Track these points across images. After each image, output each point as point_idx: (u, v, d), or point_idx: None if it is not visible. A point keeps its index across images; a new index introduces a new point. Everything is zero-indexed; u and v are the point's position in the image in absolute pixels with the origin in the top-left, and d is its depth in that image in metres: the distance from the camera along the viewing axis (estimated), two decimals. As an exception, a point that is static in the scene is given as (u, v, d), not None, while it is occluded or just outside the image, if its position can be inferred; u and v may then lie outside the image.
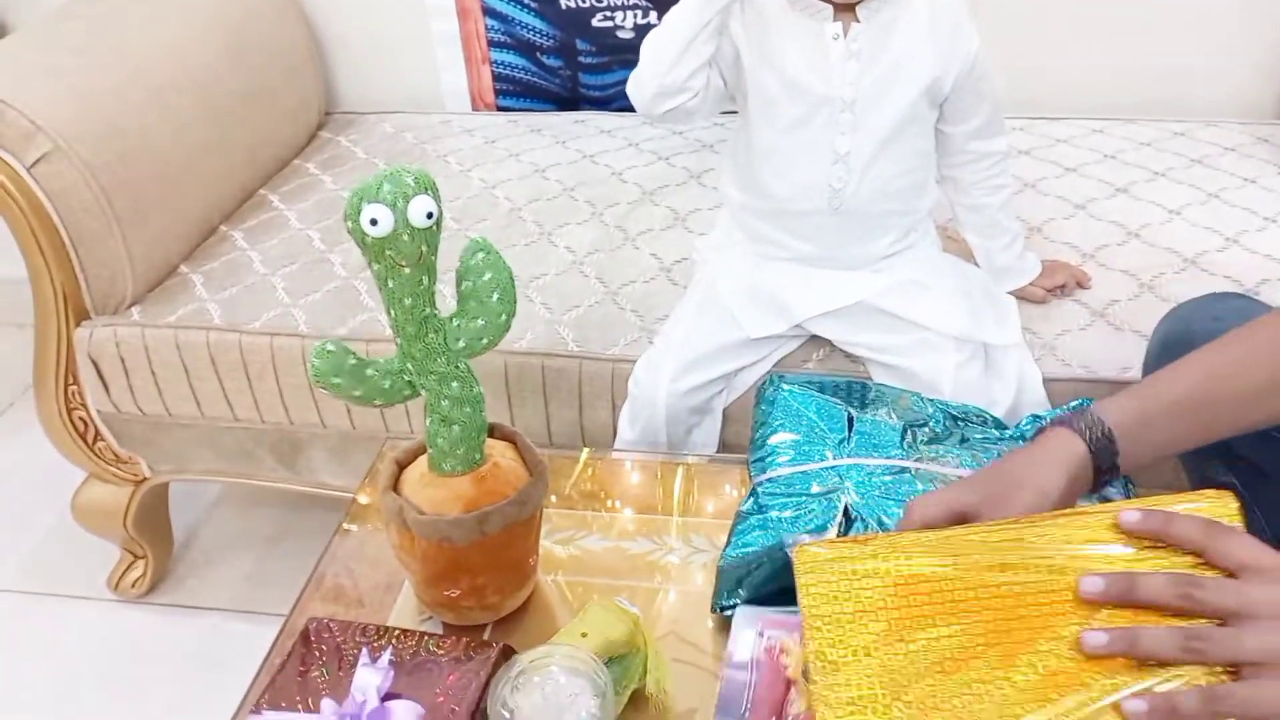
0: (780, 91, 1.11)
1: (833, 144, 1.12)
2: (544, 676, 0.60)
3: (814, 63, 1.09)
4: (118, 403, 1.40)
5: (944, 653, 0.60)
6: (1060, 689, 0.58)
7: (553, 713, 0.58)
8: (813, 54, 1.09)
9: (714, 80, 1.12)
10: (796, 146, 1.13)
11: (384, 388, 0.75)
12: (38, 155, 1.27)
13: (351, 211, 0.69)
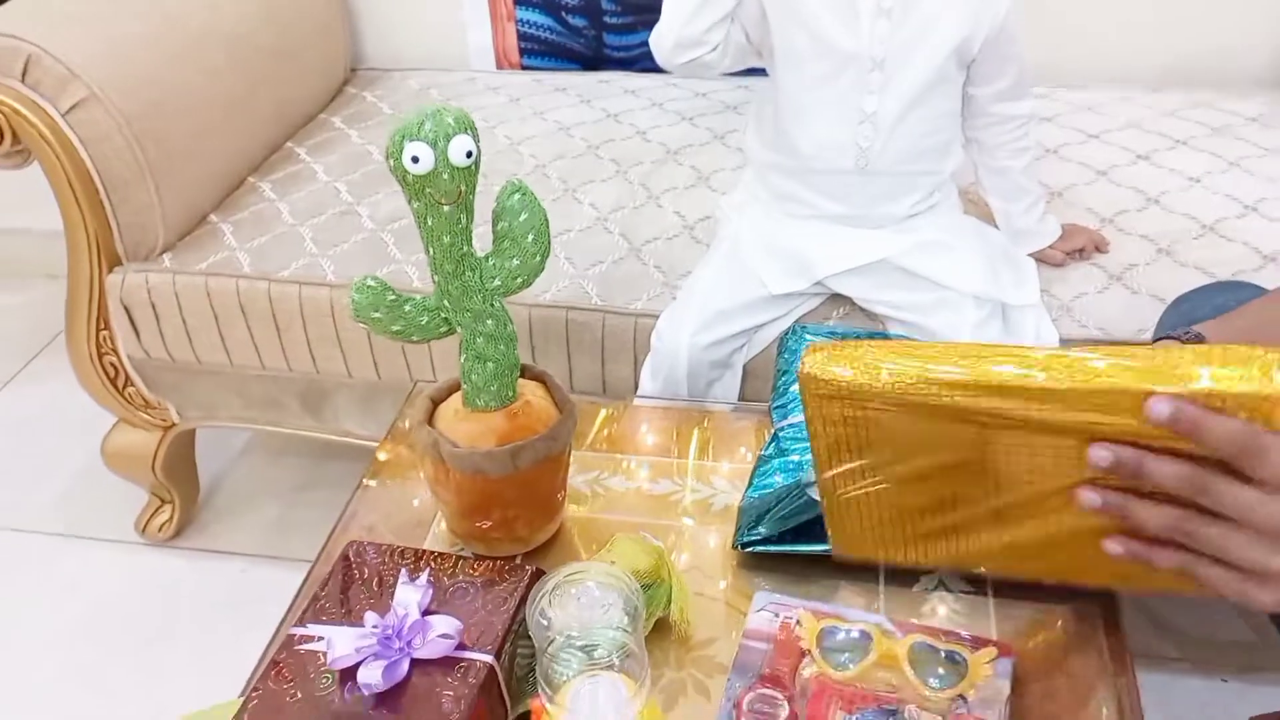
0: (808, 47, 1.13)
1: (860, 103, 1.14)
2: (580, 590, 0.63)
3: (844, 19, 1.10)
4: (148, 348, 1.43)
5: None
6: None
7: (587, 622, 0.61)
8: (843, 10, 1.10)
9: (734, 35, 1.14)
10: (823, 104, 1.15)
11: (421, 323, 0.77)
12: (73, 102, 1.29)
13: (394, 149, 0.71)
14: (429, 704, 0.64)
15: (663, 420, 1.05)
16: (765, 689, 0.71)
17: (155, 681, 1.40)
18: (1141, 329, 1.17)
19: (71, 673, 1.42)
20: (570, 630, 0.60)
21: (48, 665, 1.43)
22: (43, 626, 1.49)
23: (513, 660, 0.69)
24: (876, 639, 0.72)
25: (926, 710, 0.69)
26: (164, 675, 1.41)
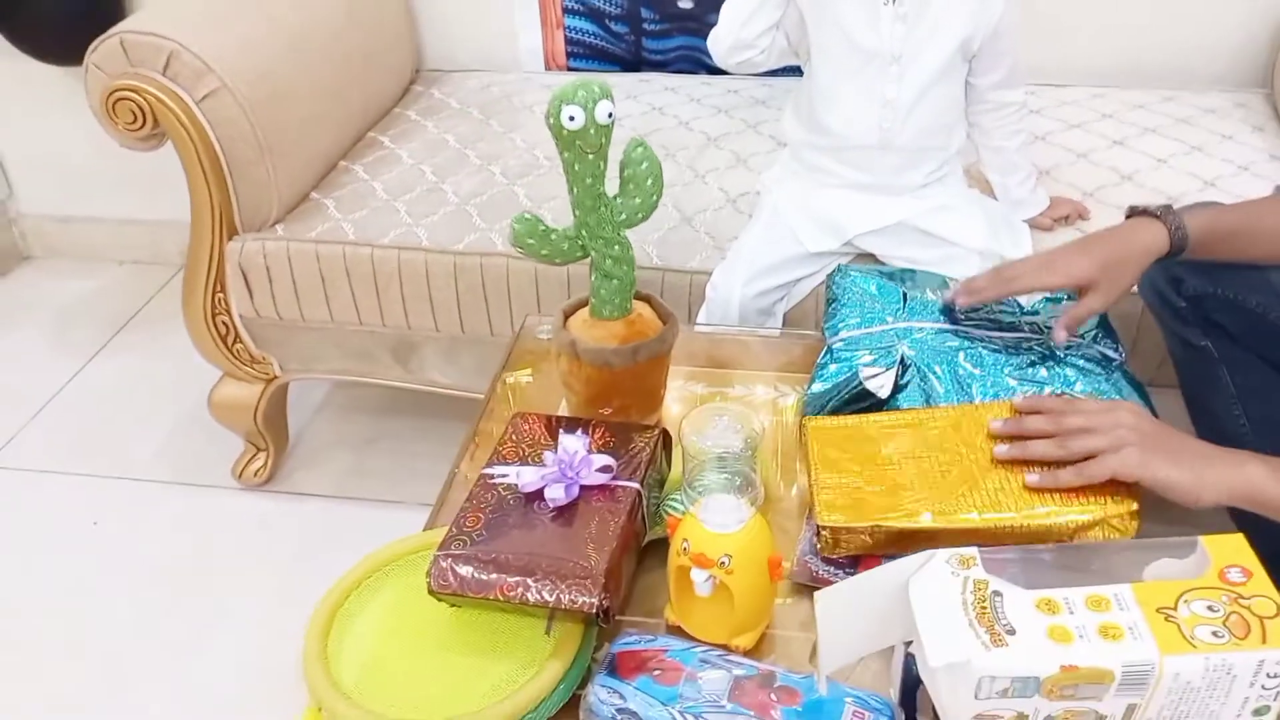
0: (839, 47, 1.36)
1: (882, 91, 1.37)
2: (718, 419, 0.85)
3: (869, 23, 1.34)
4: (259, 308, 1.64)
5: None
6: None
7: (720, 443, 0.83)
8: (868, 15, 1.33)
9: (779, 40, 1.38)
10: (851, 92, 1.38)
11: (563, 249, 0.99)
12: (206, 91, 1.50)
13: (554, 110, 0.93)
14: (594, 518, 0.85)
15: (727, 343, 1.28)
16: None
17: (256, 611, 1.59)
18: (1118, 280, 1.40)
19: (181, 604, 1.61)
20: (707, 445, 0.82)
21: (158, 596, 1.63)
22: (152, 564, 1.68)
23: (646, 499, 0.91)
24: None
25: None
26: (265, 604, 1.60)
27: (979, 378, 1.05)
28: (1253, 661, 0.65)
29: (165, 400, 2.01)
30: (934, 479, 0.92)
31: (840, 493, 0.91)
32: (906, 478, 0.92)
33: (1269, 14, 1.82)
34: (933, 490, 0.90)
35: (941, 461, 0.93)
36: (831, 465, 0.94)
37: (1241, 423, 1.14)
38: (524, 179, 1.67)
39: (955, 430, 0.96)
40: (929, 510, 0.88)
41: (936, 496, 0.90)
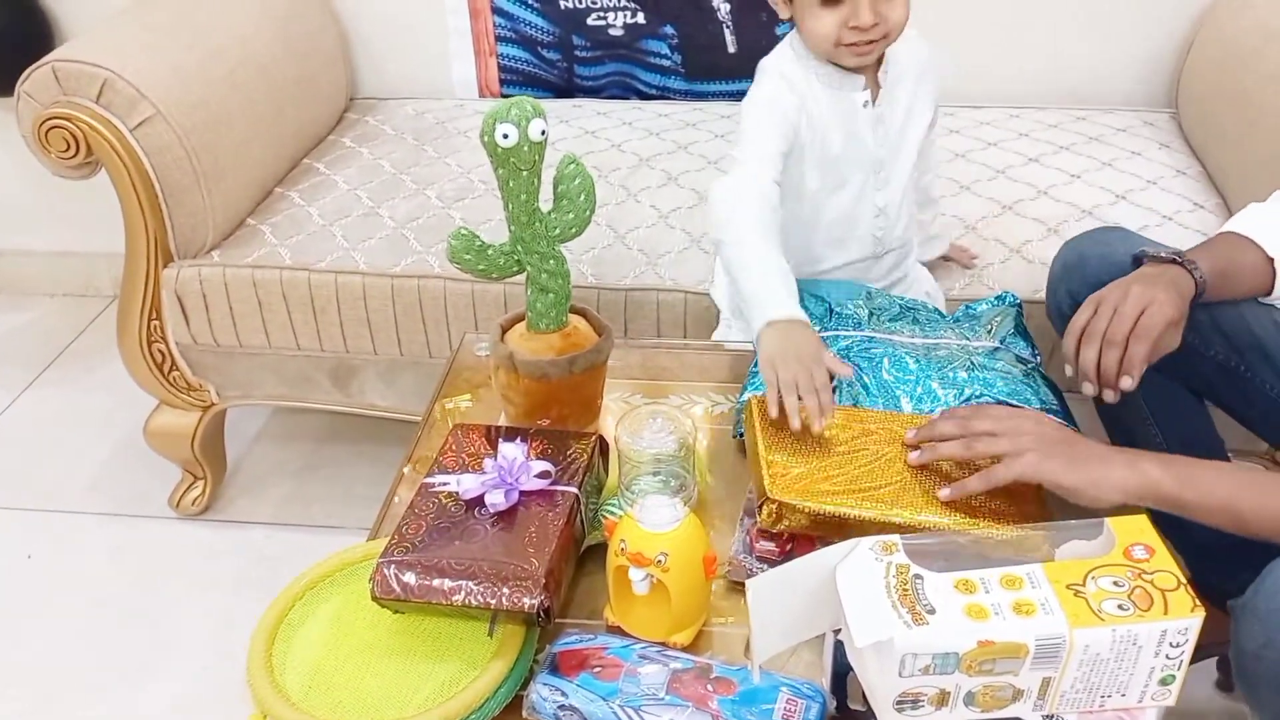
0: (825, 170, 1.23)
1: (873, 200, 1.26)
2: (651, 421, 0.88)
3: (852, 133, 1.21)
4: (195, 335, 1.64)
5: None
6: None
7: (654, 446, 0.86)
8: (849, 126, 1.20)
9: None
10: (846, 204, 1.25)
11: (499, 264, 1.02)
12: (140, 119, 1.51)
13: (488, 128, 0.96)
14: (533, 522, 0.88)
15: (664, 356, 1.31)
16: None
17: (199, 635, 1.58)
18: (1036, 290, 1.45)
19: (121, 634, 1.59)
20: (641, 447, 0.85)
21: (96, 628, 1.60)
22: (87, 599, 1.65)
23: (585, 503, 0.93)
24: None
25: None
26: (208, 629, 1.59)
27: (904, 382, 1.09)
28: (1156, 631, 0.69)
29: (99, 431, 1.99)
30: (874, 473, 0.95)
31: (785, 470, 0.94)
32: (848, 468, 0.95)
33: (1173, 39, 1.91)
34: (873, 483, 0.94)
35: (882, 456, 0.97)
36: (777, 444, 0.97)
37: (1158, 441, 1.19)
38: (460, 202, 1.70)
39: (892, 434, 1.00)
40: (870, 502, 0.92)
41: (875, 490, 0.93)
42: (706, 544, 0.87)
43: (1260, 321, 1.07)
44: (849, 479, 0.94)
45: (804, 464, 0.96)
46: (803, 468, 0.95)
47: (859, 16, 1.09)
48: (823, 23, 1.11)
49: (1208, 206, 1.63)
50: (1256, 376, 1.07)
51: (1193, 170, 1.73)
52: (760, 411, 1.01)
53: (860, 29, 1.10)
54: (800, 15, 1.13)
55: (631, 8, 1.99)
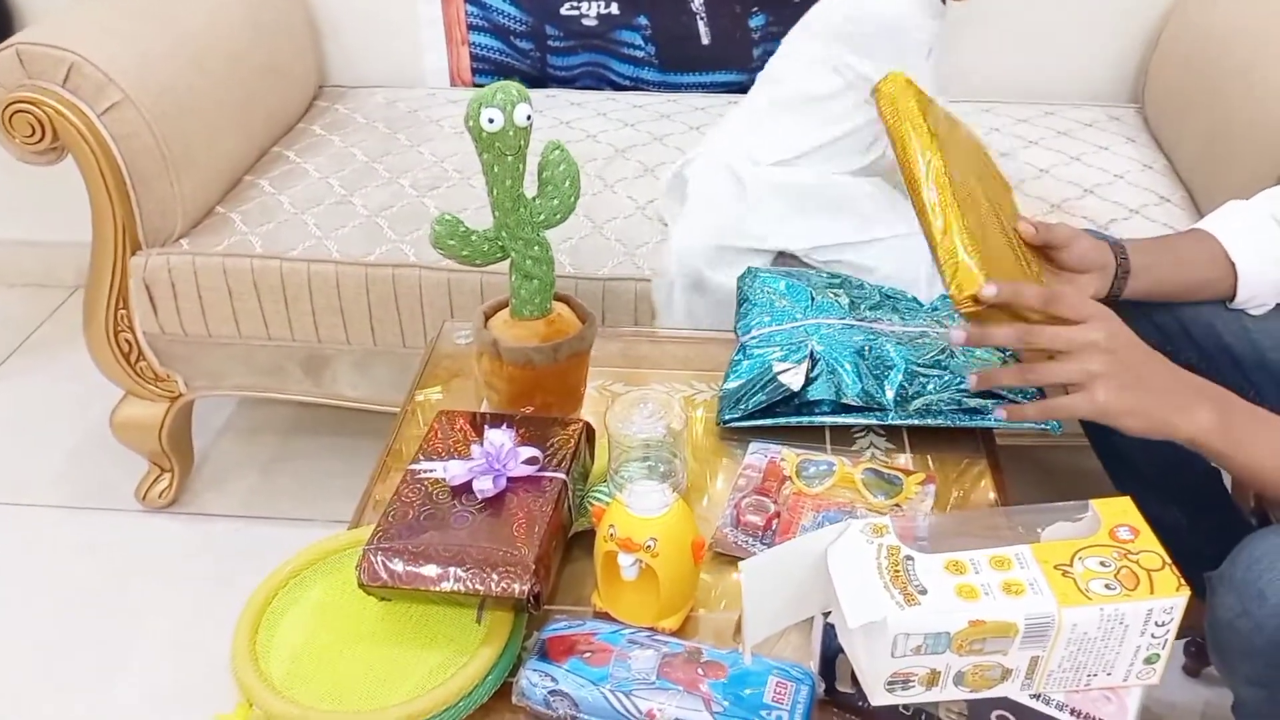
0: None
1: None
2: (642, 406, 0.88)
3: None
4: (164, 324, 1.61)
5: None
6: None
7: (644, 431, 0.86)
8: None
9: None
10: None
11: (483, 250, 1.01)
12: (108, 104, 1.48)
13: (473, 112, 0.95)
14: (521, 508, 0.87)
15: (650, 343, 1.31)
16: (757, 497, 0.97)
17: (169, 629, 1.56)
18: (1008, 280, 1.48)
19: (90, 629, 1.56)
20: (631, 433, 0.85)
21: (64, 623, 1.57)
22: (53, 594, 1.63)
23: (572, 489, 0.93)
24: (838, 467, 1.00)
25: (871, 512, 0.96)
26: (178, 623, 1.57)
27: (885, 369, 1.10)
28: (1142, 610, 0.70)
29: (64, 423, 1.95)
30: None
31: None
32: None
33: (1138, 36, 1.94)
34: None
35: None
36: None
37: (1137, 445, 1.20)
38: (434, 191, 1.68)
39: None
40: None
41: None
42: (694, 529, 0.87)
43: (1230, 329, 1.09)
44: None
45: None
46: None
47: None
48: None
49: (1174, 200, 1.65)
50: (1227, 382, 1.09)
51: (1159, 164, 1.76)
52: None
53: None
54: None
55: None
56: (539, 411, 1.04)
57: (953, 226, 0.90)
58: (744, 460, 1.05)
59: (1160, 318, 1.12)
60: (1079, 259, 1.04)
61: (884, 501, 0.98)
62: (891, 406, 1.08)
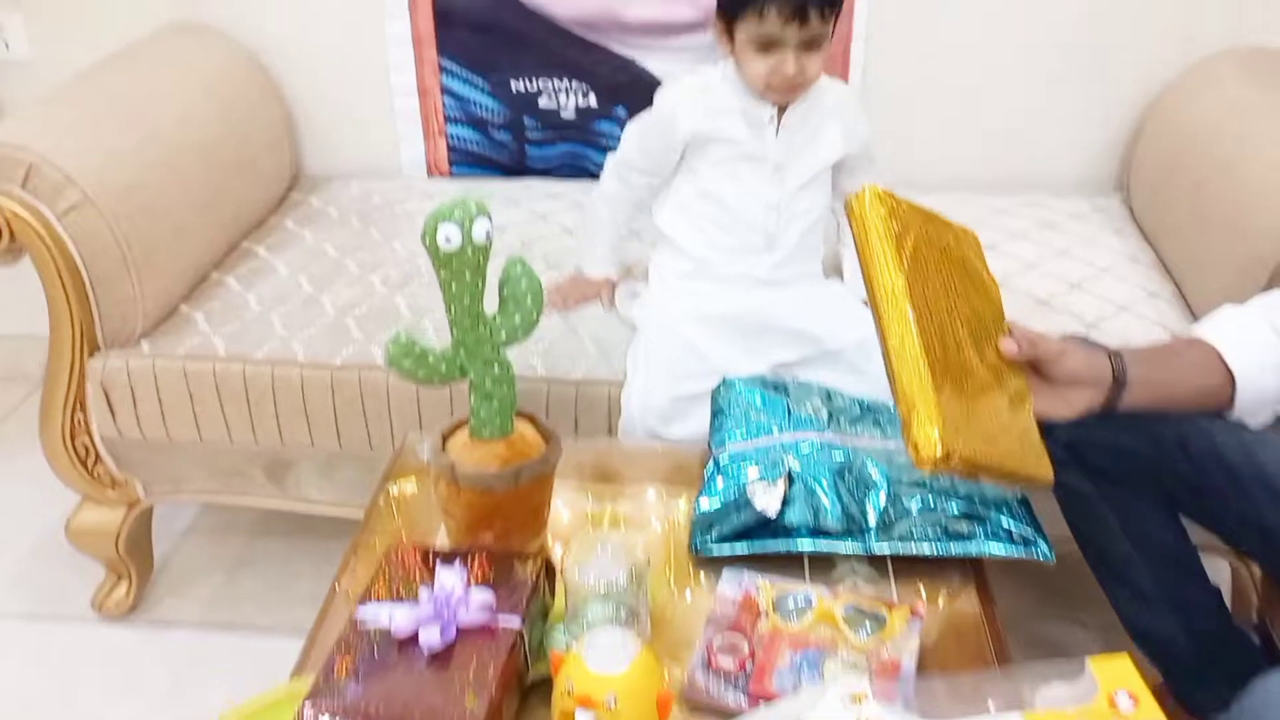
0: (726, 156, 1.44)
1: (766, 195, 1.44)
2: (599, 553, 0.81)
3: (757, 136, 1.42)
4: (122, 428, 1.55)
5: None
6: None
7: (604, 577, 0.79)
8: (754, 130, 1.42)
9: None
10: (738, 194, 1.45)
11: (440, 370, 0.96)
12: (68, 205, 1.43)
13: (430, 229, 0.91)
14: (473, 659, 0.81)
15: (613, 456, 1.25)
16: (731, 635, 0.90)
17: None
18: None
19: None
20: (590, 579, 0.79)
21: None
22: (7, 703, 1.55)
23: (529, 635, 0.87)
24: (818, 602, 0.93)
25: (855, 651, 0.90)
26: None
27: (865, 490, 1.04)
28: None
29: (19, 526, 1.88)
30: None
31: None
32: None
33: (1121, 127, 1.92)
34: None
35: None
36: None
37: (1131, 556, 1.15)
38: (405, 288, 1.64)
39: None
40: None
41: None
42: (661, 681, 0.81)
43: (1228, 443, 1.04)
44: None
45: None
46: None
47: (785, 67, 1.33)
48: (756, 67, 1.35)
49: (1163, 295, 1.62)
50: (1224, 496, 1.04)
51: (1146, 257, 1.73)
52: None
53: (785, 76, 1.33)
54: (740, 57, 1.37)
55: (583, 89, 1.97)
56: (499, 539, 0.98)
57: (913, 383, 0.85)
58: (717, 590, 0.98)
59: (1156, 429, 1.08)
60: (1069, 375, 0.99)
61: (866, 640, 0.91)
62: (873, 531, 1.02)
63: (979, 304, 0.99)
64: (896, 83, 1.91)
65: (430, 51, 1.95)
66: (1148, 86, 1.87)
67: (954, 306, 0.93)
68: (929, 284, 0.90)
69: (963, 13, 1.86)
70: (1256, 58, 1.77)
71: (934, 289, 0.91)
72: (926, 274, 0.91)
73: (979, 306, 0.98)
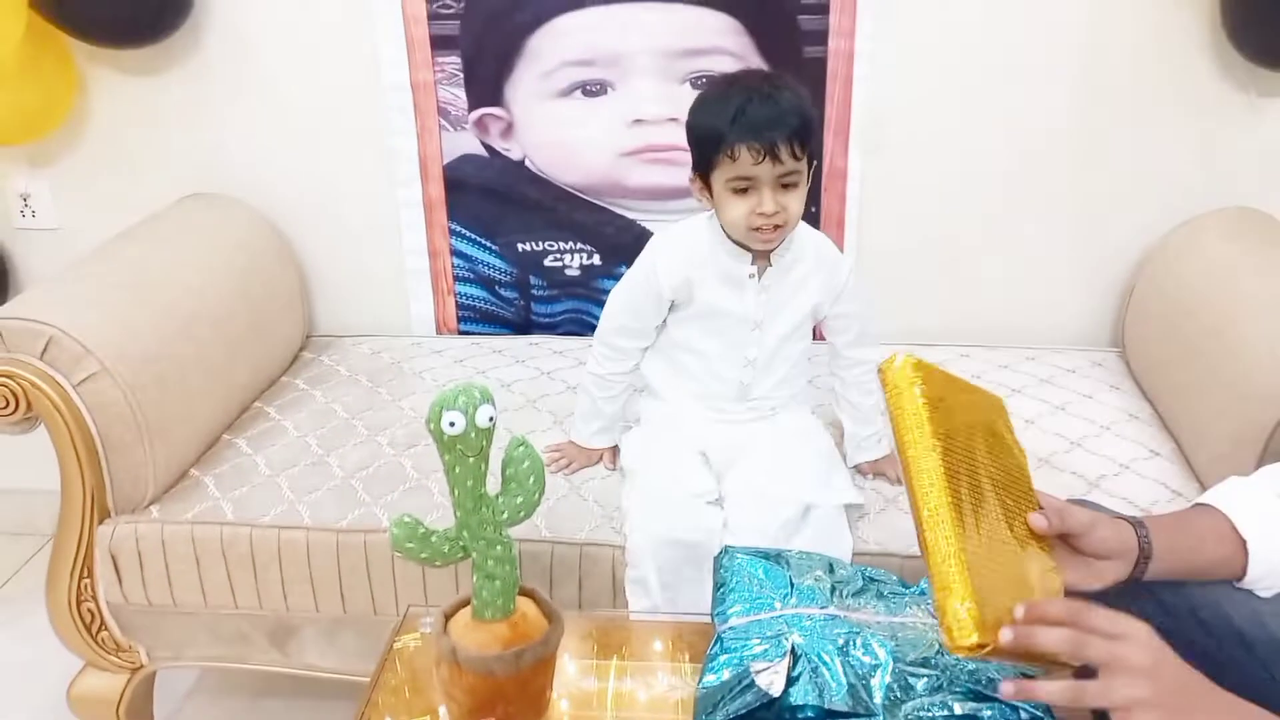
0: (707, 314, 1.48)
1: (744, 352, 1.49)
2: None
3: (737, 295, 1.46)
4: (128, 594, 1.56)
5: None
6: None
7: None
8: (736, 289, 1.46)
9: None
10: (718, 349, 1.50)
11: (444, 551, 0.97)
12: (84, 375, 1.47)
13: (434, 415, 0.93)
14: None
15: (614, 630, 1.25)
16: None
17: None
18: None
19: None
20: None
21: None
22: None
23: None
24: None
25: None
26: None
27: (871, 667, 1.04)
28: None
29: (20, 688, 1.86)
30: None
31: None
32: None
33: (1113, 284, 1.97)
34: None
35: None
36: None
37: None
38: (412, 449, 1.66)
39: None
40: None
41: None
42: None
43: (1240, 611, 1.04)
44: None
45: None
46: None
47: (763, 205, 1.35)
48: (736, 211, 1.37)
49: (1164, 454, 1.63)
50: (1237, 664, 1.03)
51: (1145, 414, 1.75)
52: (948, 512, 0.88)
53: (764, 215, 1.35)
54: (719, 205, 1.40)
55: (588, 249, 2.03)
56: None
57: (948, 567, 0.85)
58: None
59: (1167, 598, 1.07)
60: (1098, 546, 0.99)
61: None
62: (880, 713, 1.01)
63: (1008, 472, 0.99)
64: (890, 240, 1.97)
65: (440, 215, 2.02)
66: (1137, 245, 1.93)
67: (986, 478, 0.93)
68: (961, 456, 0.91)
69: (955, 170, 1.93)
70: (1242, 218, 1.83)
71: (966, 461, 0.92)
72: (959, 445, 0.92)
73: (1008, 474, 0.99)
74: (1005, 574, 0.89)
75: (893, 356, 0.95)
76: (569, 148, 1.95)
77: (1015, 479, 0.98)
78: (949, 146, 1.90)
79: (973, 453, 0.93)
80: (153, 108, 1.96)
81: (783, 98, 1.33)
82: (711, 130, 1.35)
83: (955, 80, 1.86)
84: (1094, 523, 0.99)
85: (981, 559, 0.87)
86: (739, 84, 1.37)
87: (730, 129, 1.32)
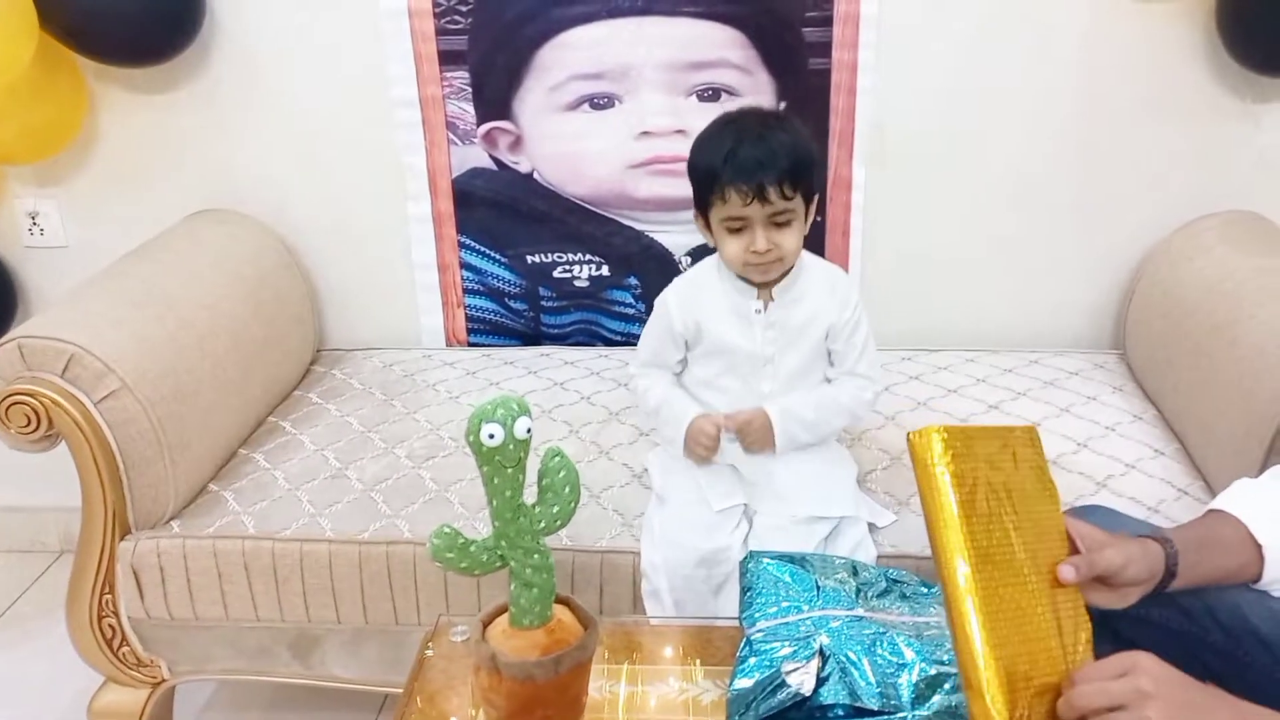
0: (718, 350, 1.48)
1: (758, 387, 1.48)
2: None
3: (744, 332, 1.46)
4: (150, 609, 1.57)
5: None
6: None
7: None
8: (742, 326, 1.46)
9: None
10: (732, 385, 1.49)
11: (482, 560, 0.99)
12: (106, 392, 1.48)
13: (473, 428, 0.95)
14: None
15: (645, 635, 1.27)
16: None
17: None
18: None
19: None
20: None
21: None
22: None
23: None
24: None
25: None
26: None
27: (898, 666, 1.06)
28: None
29: (37, 706, 1.86)
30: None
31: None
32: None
33: (1115, 286, 2.00)
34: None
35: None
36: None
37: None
38: (430, 461, 1.68)
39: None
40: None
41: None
42: None
43: (1256, 611, 1.07)
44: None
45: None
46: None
47: (756, 244, 1.37)
48: (731, 248, 1.40)
49: (1168, 453, 1.66)
50: (1257, 663, 1.06)
51: (1148, 415, 1.78)
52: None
53: (758, 253, 1.37)
54: (717, 241, 1.43)
55: (596, 260, 2.05)
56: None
57: (972, 655, 0.87)
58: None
59: (1185, 601, 1.10)
60: (1131, 579, 1.01)
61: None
62: (909, 709, 1.04)
63: (1038, 523, 0.97)
64: (895, 247, 2.00)
65: (450, 228, 2.04)
66: (1137, 248, 1.96)
67: (1018, 540, 0.93)
68: (992, 527, 0.92)
69: (957, 178, 1.96)
70: (1239, 221, 1.87)
71: (997, 529, 0.92)
72: (989, 516, 0.92)
73: (1038, 526, 0.97)
74: (1033, 649, 0.90)
75: (921, 431, 0.93)
76: (577, 160, 1.97)
77: (1046, 529, 0.97)
78: (951, 155, 1.94)
79: (1002, 518, 0.93)
80: (162, 126, 1.98)
81: (774, 139, 1.34)
82: (706, 171, 1.37)
83: (957, 90, 1.89)
84: (1125, 562, 0.99)
85: (1010, 643, 0.88)
86: (734, 124, 1.38)
87: (722, 170, 1.34)
